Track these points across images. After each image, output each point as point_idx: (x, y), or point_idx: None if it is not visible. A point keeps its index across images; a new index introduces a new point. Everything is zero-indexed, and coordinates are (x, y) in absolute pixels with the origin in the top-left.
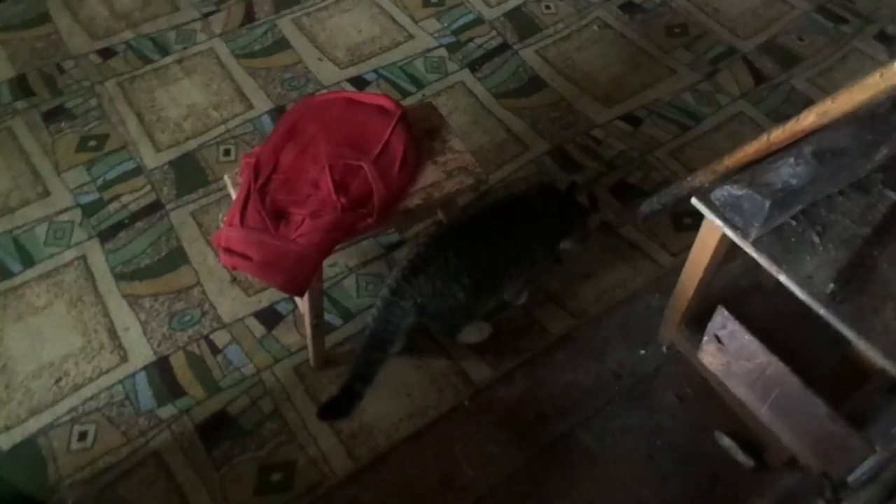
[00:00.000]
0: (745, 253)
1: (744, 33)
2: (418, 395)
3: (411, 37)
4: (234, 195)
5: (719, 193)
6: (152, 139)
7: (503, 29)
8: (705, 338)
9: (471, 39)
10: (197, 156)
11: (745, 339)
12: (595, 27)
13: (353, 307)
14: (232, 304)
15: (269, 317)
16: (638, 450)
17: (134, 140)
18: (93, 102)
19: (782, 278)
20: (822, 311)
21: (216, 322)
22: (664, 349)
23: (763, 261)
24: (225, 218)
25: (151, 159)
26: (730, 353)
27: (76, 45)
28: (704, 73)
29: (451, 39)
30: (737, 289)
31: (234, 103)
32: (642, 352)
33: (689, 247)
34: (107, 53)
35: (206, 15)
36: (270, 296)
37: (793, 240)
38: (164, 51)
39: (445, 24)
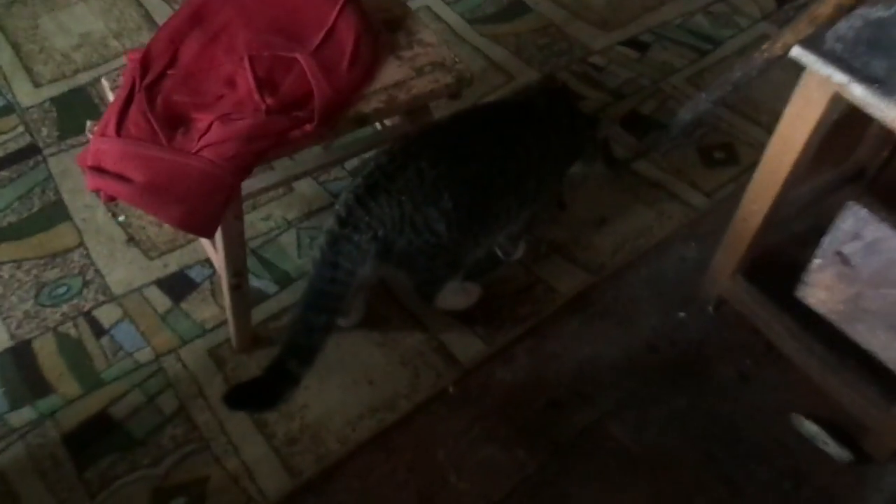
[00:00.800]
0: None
1: None
2: (384, 382)
3: None
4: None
5: (842, 30)
6: (30, 73)
7: None
8: (816, 262)
9: None
10: (89, 90)
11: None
12: None
13: (293, 270)
14: (127, 269)
15: (177, 285)
16: (691, 445)
17: (5, 74)
18: None
19: None
20: None
21: (103, 294)
22: (711, 310)
23: None
24: (94, 127)
25: (28, 96)
26: (863, 278)
27: None
28: None
29: None
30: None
31: (140, 31)
32: (682, 314)
33: (724, 185)
34: None
35: None
36: (181, 258)
37: None
38: None
39: None
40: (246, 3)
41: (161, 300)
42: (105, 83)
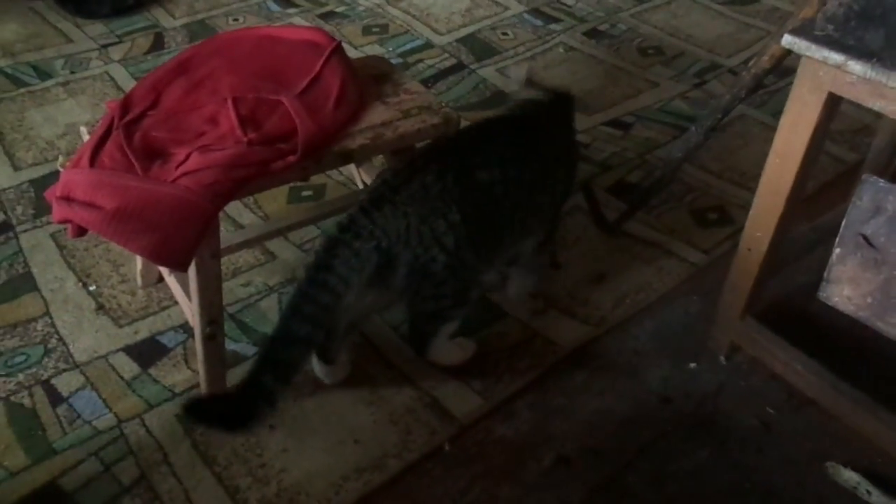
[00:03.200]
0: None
1: (724, 52)
2: (371, 441)
3: None
4: None
5: (831, 10)
6: (11, 158)
7: (456, 52)
8: (836, 252)
9: (420, 61)
10: None
11: None
12: (560, 49)
13: None
14: (94, 338)
15: (147, 351)
16: (720, 500)
17: None
18: None
19: None
20: None
21: (64, 361)
22: (722, 359)
23: None
24: (66, 163)
25: (6, 178)
26: (891, 258)
27: None
28: (691, 83)
29: (398, 61)
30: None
31: None
32: (692, 366)
33: (721, 243)
34: None
35: (106, 46)
36: (154, 324)
37: None
38: (46, 76)
39: (390, 49)
40: (233, 55)
41: (128, 366)
42: (83, 129)
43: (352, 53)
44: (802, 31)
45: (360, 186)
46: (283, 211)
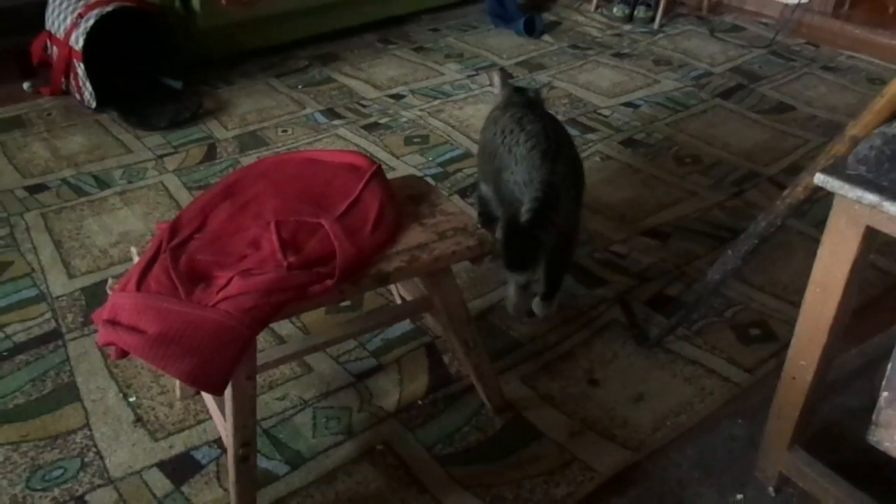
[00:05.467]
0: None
1: (762, 161)
2: None
3: (392, 169)
4: None
5: (862, 152)
6: (67, 265)
7: None
8: (884, 396)
9: (459, 170)
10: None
11: None
12: (597, 158)
13: (307, 450)
14: (130, 451)
15: (181, 467)
16: None
17: (44, 267)
18: (2, 231)
19: None
20: None
21: (100, 477)
22: (771, 491)
23: None
24: (115, 285)
25: (60, 286)
26: None
27: (3, 183)
28: (730, 192)
29: (438, 171)
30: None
31: None
32: (739, 497)
33: (765, 361)
34: (36, 189)
35: (162, 156)
36: (189, 438)
37: None
38: (105, 185)
39: (430, 158)
40: (277, 178)
41: (161, 483)
42: (133, 249)
43: (394, 163)
44: (835, 170)
45: (398, 300)
46: (321, 321)
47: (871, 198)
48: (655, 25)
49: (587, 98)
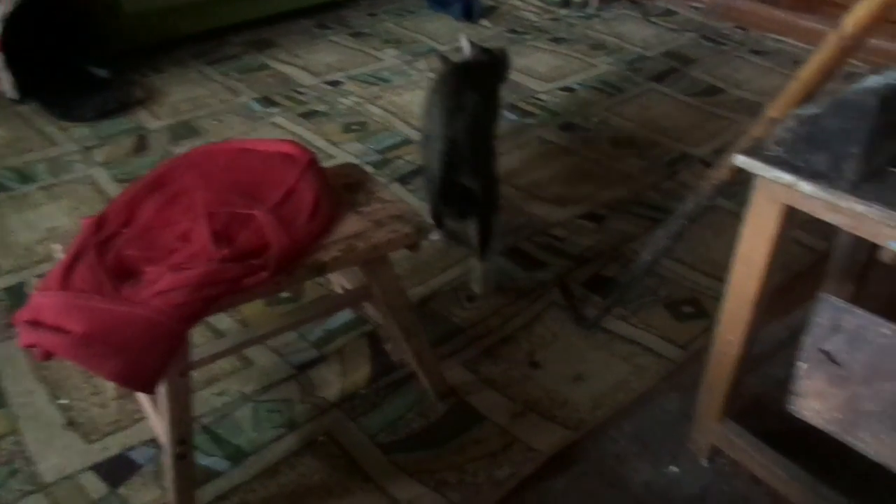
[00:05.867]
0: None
1: (693, 143)
2: None
3: (331, 157)
4: None
5: (779, 134)
6: None
7: None
8: (802, 367)
9: (399, 157)
10: None
11: (885, 336)
12: (536, 143)
13: (248, 444)
14: (62, 455)
15: (117, 468)
16: None
17: None
18: None
19: None
20: None
21: (31, 483)
22: (704, 462)
23: (874, 212)
24: (38, 284)
25: None
26: (855, 375)
27: None
28: (663, 174)
29: (378, 158)
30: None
31: None
32: (673, 469)
33: (697, 337)
34: None
35: (89, 148)
36: (125, 439)
37: None
38: (28, 180)
39: (370, 146)
40: (208, 170)
41: (96, 486)
42: (57, 247)
43: (332, 151)
44: (754, 152)
45: (338, 290)
46: (261, 314)
47: (787, 177)
48: (591, 10)
49: (525, 83)
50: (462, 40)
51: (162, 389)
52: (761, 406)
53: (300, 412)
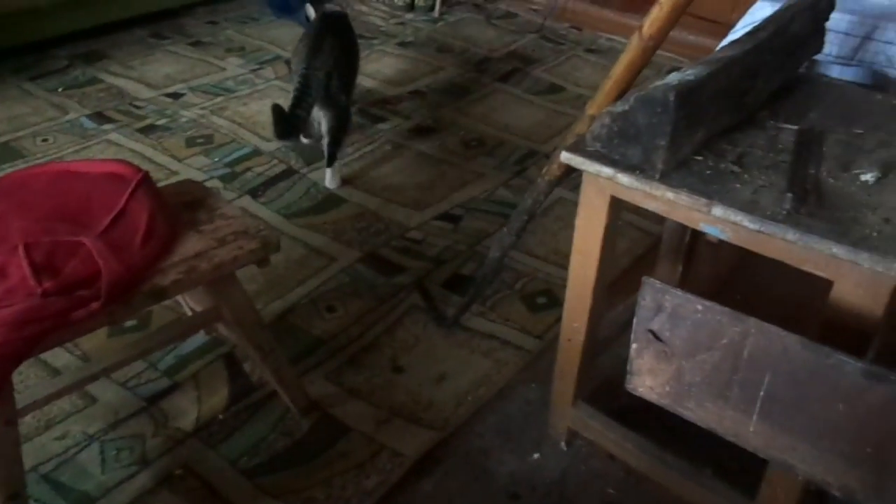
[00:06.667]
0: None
1: (539, 139)
2: None
3: (174, 174)
4: None
5: (596, 130)
6: None
7: (285, 157)
8: (633, 347)
9: (248, 169)
10: None
11: (698, 312)
12: (388, 147)
13: (95, 489)
14: None
15: None
16: None
17: None
18: None
19: (717, 211)
20: (790, 235)
21: None
22: (563, 446)
23: (683, 198)
24: None
25: None
26: (677, 351)
27: None
28: (513, 171)
29: (226, 171)
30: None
31: None
32: (536, 456)
33: (552, 326)
34: None
35: None
36: None
37: (708, 172)
38: None
39: (216, 159)
40: (24, 197)
41: None
42: None
43: (175, 167)
44: (577, 147)
45: (189, 312)
46: (104, 346)
47: (607, 171)
48: (436, 14)
49: (375, 87)
50: (307, 8)
51: None
52: (612, 386)
53: (153, 447)
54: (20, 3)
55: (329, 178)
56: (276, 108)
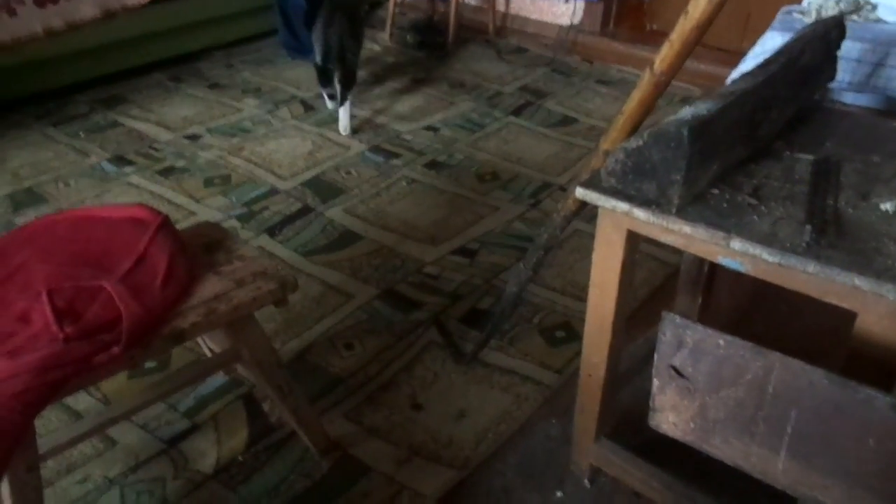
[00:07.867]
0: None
1: (553, 172)
2: None
3: (192, 214)
4: None
5: (611, 166)
6: None
7: (302, 196)
8: (656, 384)
9: (266, 208)
10: None
11: (720, 347)
12: (403, 183)
13: None
14: None
15: None
16: None
17: None
18: None
19: (736, 244)
20: (810, 267)
21: None
22: (587, 483)
23: (701, 232)
24: None
25: None
26: (700, 387)
27: None
28: (528, 204)
29: (243, 211)
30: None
31: None
32: (559, 494)
33: (571, 360)
34: None
35: None
36: None
37: (725, 205)
38: None
39: (234, 199)
40: (46, 243)
41: None
42: None
43: (194, 207)
44: (592, 183)
45: (208, 353)
46: (124, 388)
47: (623, 206)
48: (447, 50)
49: (390, 124)
50: None
51: (5, 489)
52: (635, 420)
53: (173, 490)
54: (43, 52)
55: (342, 122)
56: (317, 66)
